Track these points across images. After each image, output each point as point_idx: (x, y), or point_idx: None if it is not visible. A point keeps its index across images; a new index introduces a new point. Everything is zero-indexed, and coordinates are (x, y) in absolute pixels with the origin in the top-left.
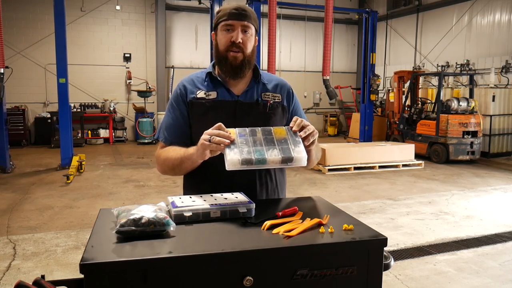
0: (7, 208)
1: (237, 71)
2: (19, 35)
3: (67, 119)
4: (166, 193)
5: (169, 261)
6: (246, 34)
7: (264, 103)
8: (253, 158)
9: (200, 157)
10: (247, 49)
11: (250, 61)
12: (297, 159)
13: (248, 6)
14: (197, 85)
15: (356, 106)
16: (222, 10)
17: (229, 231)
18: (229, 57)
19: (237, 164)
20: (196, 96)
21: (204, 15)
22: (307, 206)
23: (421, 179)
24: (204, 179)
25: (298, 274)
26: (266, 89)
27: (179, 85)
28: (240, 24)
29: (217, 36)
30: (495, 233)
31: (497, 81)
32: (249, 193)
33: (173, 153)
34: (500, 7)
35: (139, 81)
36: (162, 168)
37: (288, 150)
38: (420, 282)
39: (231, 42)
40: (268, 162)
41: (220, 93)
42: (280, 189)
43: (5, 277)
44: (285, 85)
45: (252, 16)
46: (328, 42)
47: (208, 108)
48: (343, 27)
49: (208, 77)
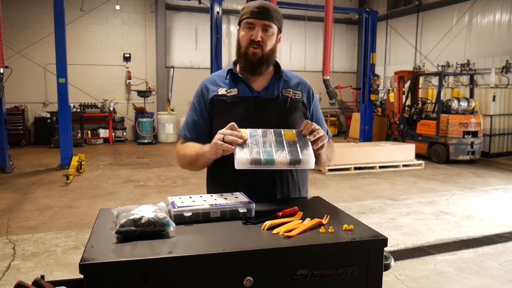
0: (7, 208)
1: (255, 67)
2: (19, 35)
3: (67, 119)
4: (166, 193)
5: (169, 261)
6: (266, 33)
7: (284, 99)
8: (262, 159)
9: (213, 155)
10: (267, 46)
11: (268, 58)
12: (304, 162)
13: (273, 5)
14: (218, 83)
15: (356, 106)
16: (246, 7)
17: (229, 231)
18: (248, 53)
19: (246, 164)
20: (218, 93)
21: (204, 15)
22: (307, 206)
23: (421, 179)
24: (225, 174)
25: (298, 274)
26: (287, 85)
27: (201, 85)
28: (261, 23)
29: (240, 33)
30: (495, 233)
31: (498, 81)
32: (270, 189)
33: (190, 150)
34: (500, 7)
35: (139, 81)
36: (181, 163)
37: (296, 153)
38: (420, 282)
39: (251, 40)
40: (277, 163)
41: (241, 89)
42: (302, 185)
43: (4, 277)
44: (306, 84)
45: (275, 15)
46: (328, 42)
47: (229, 104)
48: (343, 27)
49: (229, 74)
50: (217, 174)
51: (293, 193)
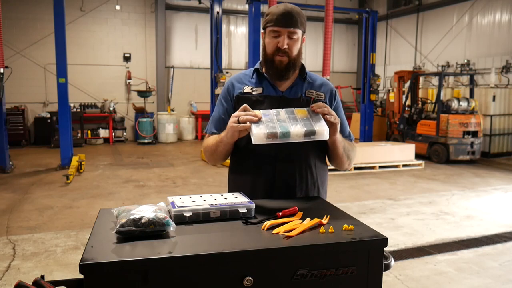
0: (7, 208)
1: (283, 74)
2: (19, 35)
3: (67, 119)
4: (166, 193)
5: (169, 261)
6: (292, 39)
7: (307, 99)
8: (278, 132)
9: (230, 138)
10: (293, 52)
11: (295, 63)
12: (319, 132)
13: (297, 9)
14: (244, 81)
15: (356, 106)
16: (270, 13)
17: (229, 231)
18: (275, 60)
19: (263, 138)
20: (243, 91)
21: (204, 15)
22: (307, 206)
23: (421, 179)
24: (245, 173)
25: (298, 274)
26: (311, 86)
27: (228, 83)
28: (286, 30)
29: (265, 38)
30: (496, 233)
31: (498, 81)
32: (289, 188)
33: (211, 140)
34: (500, 7)
35: (139, 81)
36: (206, 156)
37: (310, 125)
38: (420, 282)
39: (277, 47)
40: (292, 135)
41: (266, 89)
42: (321, 184)
43: (4, 277)
44: (328, 85)
45: (299, 20)
46: (328, 42)
47: (254, 102)
48: (343, 27)
49: (255, 74)
50: (237, 172)
51: (312, 191)
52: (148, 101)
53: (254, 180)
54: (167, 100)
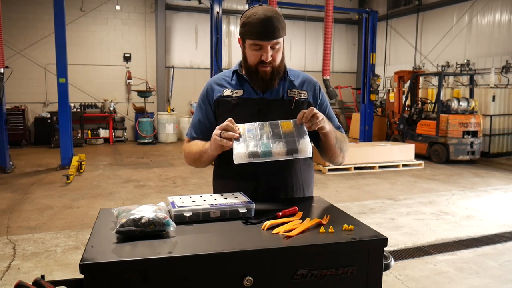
0: (7, 208)
1: (268, 84)
2: (19, 35)
3: (67, 119)
4: (166, 193)
5: (169, 261)
6: (275, 49)
7: (289, 100)
8: (259, 151)
9: (214, 151)
10: (276, 61)
11: (279, 70)
12: (301, 150)
13: (275, 14)
14: (223, 84)
15: (356, 106)
16: (248, 24)
17: (229, 231)
18: (259, 71)
19: (244, 158)
20: (223, 94)
21: (204, 15)
22: (307, 206)
23: (421, 179)
24: (229, 178)
25: (298, 274)
26: (292, 85)
27: (207, 85)
28: (269, 43)
29: (245, 49)
30: (495, 233)
31: (497, 81)
32: (273, 191)
33: (194, 147)
34: (500, 7)
35: (139, 81)
36: (187, 160)
37: (293, 142)
38: (420, 282)
39: (260, 59)
40: (274, 154)
41: (246, 91)
42: (306, 186)
43: (5, 277)
44: (311, 81)
45: (280, 27)
46: (328, 42)
47: (234, 105)
48: (343, 27)
49: (235, 75)
50: (222, 177)
51: (298, 193)
52: (148, 101)
53: (237, 184)
54: (167, 100)
